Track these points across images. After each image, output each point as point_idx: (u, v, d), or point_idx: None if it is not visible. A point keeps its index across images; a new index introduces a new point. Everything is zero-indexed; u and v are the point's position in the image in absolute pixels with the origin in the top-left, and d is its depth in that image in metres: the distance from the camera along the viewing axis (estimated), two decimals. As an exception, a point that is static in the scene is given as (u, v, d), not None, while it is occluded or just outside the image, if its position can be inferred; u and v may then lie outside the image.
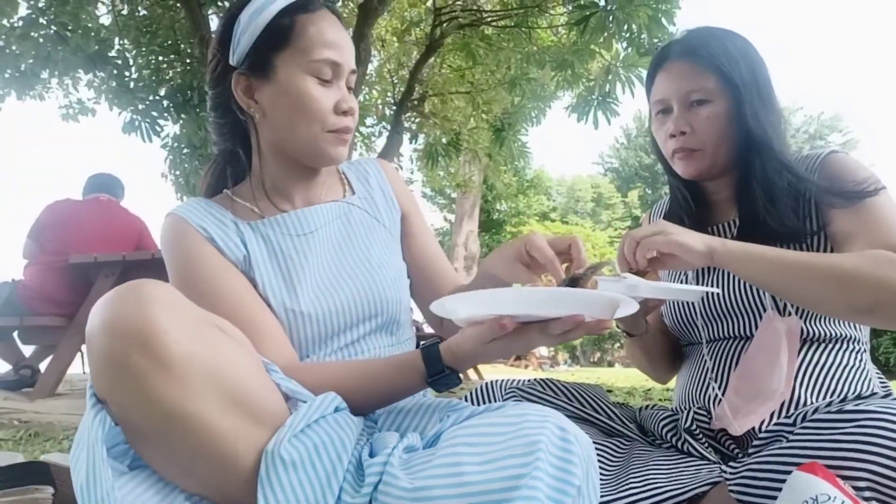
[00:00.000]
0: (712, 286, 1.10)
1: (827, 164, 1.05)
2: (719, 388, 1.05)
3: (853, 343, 1.05)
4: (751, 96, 1.06)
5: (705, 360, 1.10)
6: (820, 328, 1.02)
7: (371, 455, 0.70)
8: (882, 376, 1.07)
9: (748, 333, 1.06)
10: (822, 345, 1.03)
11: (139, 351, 0.59)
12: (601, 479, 0.92)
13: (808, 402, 0.97)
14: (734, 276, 1.08)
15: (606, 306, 0.73)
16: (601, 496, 0.85)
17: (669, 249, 0.94)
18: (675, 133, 1.11)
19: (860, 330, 1.06)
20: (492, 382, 1.10)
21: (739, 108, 1.06)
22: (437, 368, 0.79)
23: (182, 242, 0.92)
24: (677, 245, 0.93)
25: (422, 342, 0.83)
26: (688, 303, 1.14)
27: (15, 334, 3.40)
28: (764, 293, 1.04)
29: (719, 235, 1.07)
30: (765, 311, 1.04)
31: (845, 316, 0.97)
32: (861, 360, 1.04)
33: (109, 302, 0.61)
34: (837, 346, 1.03)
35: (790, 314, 1.01)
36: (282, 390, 0.74)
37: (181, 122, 6.02)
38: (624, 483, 0.91)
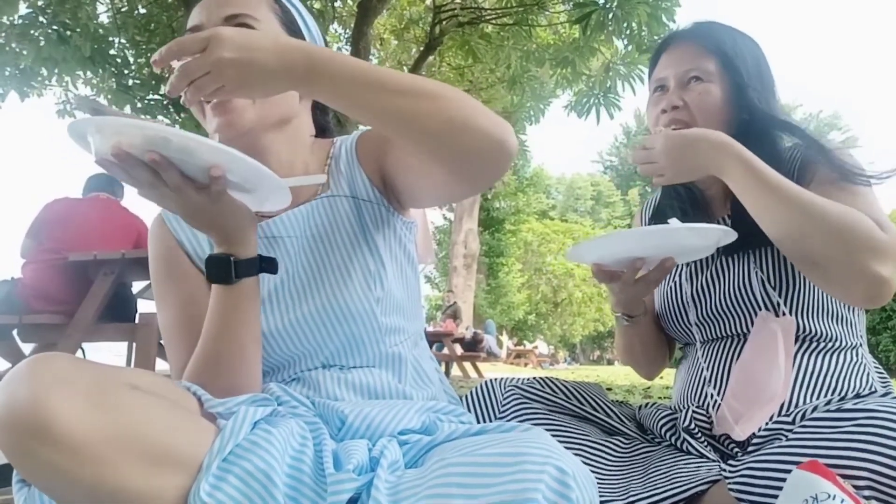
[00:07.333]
0: (706, 285, 1.10)
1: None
2: (716, 389, 1.05)
3: (849, 338, 1.04)
4: (753, 82, 1.06)
5: (701, 363, 1.10)
6: (814, 324, 1.01)
7: (336, 465, 0.68)
8: (881, 369, 1.06)
9: (743, 331, 1.06)
10: (818, 344, 1.02)
11: (40, 441, 0.56)
12: (601, 479, 0.92)
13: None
14: (727, 276, 1.08)
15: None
16: (601, 497, 0.85)
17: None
18: (666, 108, 1.10)
19: (855, 325, 1.06)
20: (492, 381, 1.10)
21: (740, 93, 1.06)
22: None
23: (153, 243, 0.93)
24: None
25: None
26: (683, 305, 1.13)
27: (14, 332, 3.39)
28: (754, 290, 1.04)
29: None
30: (758, 308, 1.03)
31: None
32: (858, 356, 1.03)
33: (2, 391, 0.59)
34: (833, 346, 1.02)
35: (784, 314, 1.01)
36: (214, 410, 0.73)
37: (180, 120, 6.02)
38: (625, 484, 0.91)
